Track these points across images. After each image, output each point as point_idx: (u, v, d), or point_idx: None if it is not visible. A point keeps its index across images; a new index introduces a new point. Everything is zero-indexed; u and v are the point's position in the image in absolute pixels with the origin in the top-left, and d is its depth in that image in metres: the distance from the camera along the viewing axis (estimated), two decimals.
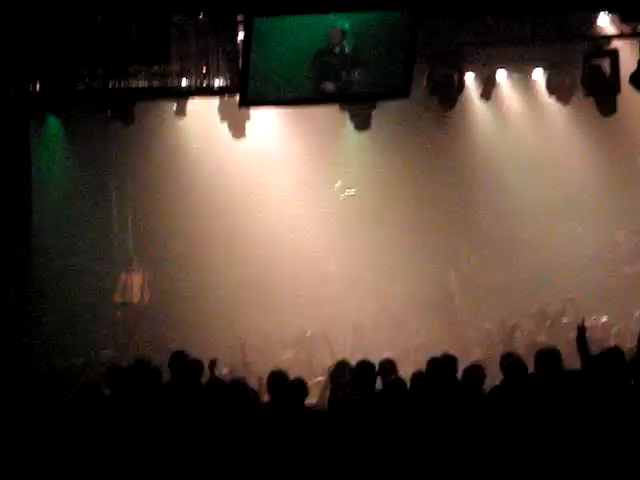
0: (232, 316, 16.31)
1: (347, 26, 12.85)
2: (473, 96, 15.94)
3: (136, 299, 15.50)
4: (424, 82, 14.01)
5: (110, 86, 13.48)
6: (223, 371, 11.65)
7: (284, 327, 15.79)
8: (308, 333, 15.29)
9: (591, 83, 14.19)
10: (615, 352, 8.21)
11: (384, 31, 13.24)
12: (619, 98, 14.11)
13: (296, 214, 17.23)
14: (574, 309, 14.90)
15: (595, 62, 14.04)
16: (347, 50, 12.99)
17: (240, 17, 13.06)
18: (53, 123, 15.54)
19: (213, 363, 9.33)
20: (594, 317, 14.19)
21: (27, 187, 14.61)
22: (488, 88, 15.54)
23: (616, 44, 13.90)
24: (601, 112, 14.54)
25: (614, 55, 13.90)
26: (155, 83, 13.59)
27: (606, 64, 13.96)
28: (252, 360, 13.94)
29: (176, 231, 16.87)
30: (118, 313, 15.73)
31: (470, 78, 15.40)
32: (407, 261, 17.00)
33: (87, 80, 13.60)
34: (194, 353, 9.43)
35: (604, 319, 14.58)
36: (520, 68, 15.80)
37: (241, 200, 17.13)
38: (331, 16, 12.94)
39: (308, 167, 17.29)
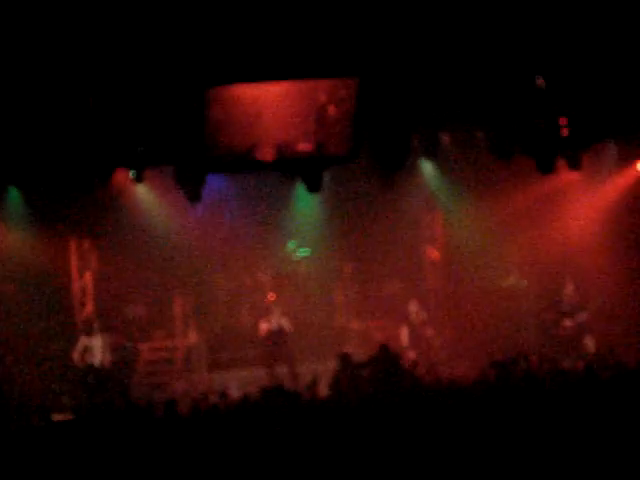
0: (192, 376, 16.79)
1: None
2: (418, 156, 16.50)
3: (97, 361, 15.77)
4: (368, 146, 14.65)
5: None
6: None
7: None
8: None
9: (530, 143, 14.99)
10: None
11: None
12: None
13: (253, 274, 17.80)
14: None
15: (535, 123, 14.81)
16: None
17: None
18: (13, 193, 15.91)
19: None
20: None
21: None
22: (432, 148, 16.15)
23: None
24: (540, 170, 15.30)
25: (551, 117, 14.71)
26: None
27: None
28: None
29: (136, 295, 17.35)
30: (79, 375, 15.94)
31: (414, 139, 15.95)
32: (359, 318, 17.64)
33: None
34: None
35: None
36: (463, 129, 16.40)
37: (199, 264, 17.69)
38: None
39: (262, 229, 17.90)
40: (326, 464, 8.26)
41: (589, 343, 16.25)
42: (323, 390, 13.24)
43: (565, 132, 14.89)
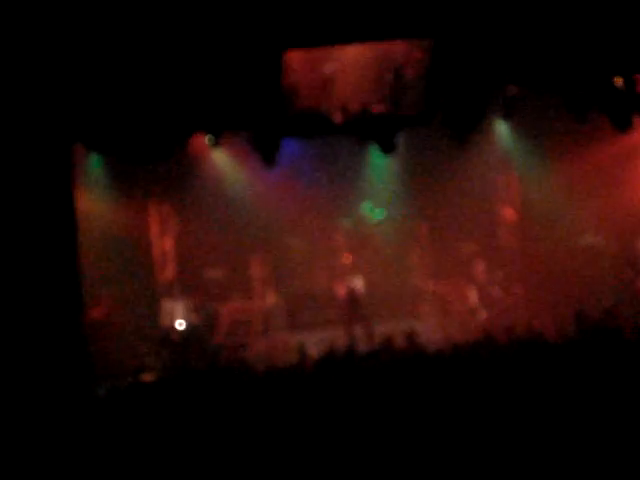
0: (270, 337, 17.12)
1: None
2: (493, 116, 16.36)
3: (180, 323, 16.06)
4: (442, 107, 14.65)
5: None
6: None
7: None
8: None
9: (606, 101, 14.84)
10: None
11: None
12: None
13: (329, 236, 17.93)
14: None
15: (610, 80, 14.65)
16: None
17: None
18: (94, 159, 16.21)
19: None
20: None
21: (72, 221, 15.17)
22: (508, 108, 16.05)
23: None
24: (617, 128, 15.14)
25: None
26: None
27: (621, 82, 14.56)
28: None
29: (215, 258, 17.68)
30: (162, 337, 16.28)
31: (489, 100, 15.82)
32: (434, 279, 17.76)
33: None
34: None
35: None
36: (538, 88, 16.23)
37: (276, 227, 17.97)
38: None
39: (337, 191, 18.11)
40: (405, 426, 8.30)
41: None
42: (399, 349, 13.33)
43: None
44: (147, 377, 14.13)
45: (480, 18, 13.72)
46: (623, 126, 15.18)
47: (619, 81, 14.73)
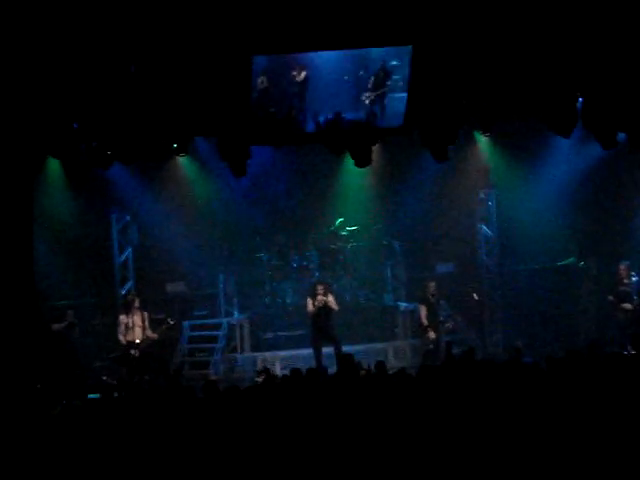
0: (234, 356, 16.49)
1: None
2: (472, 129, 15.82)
3: (138, 338, 15.42)
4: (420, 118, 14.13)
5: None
6: None
7: None
8: None
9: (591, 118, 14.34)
10: None
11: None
12: None
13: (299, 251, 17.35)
14: None
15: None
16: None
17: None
18: (53, 165, 15.54)
19: None
20: None
21: (29, 228, 14.66)
22: (488, 121, 15.49)
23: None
24: (602, 146, 14.68)
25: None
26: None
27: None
28: None
29: (178, 271, 17.03)
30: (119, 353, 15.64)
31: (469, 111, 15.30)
32: (407, 297, 17.18)
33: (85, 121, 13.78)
34: None
35: None
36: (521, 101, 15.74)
37: (243, 239, 17.39)
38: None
39: (308, 204, 17.53)
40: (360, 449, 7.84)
41: None
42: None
43: None
44: (103, 394, 13.62)
45: (461, 27, 13.27)
46: (608, 144, 14.69)
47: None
